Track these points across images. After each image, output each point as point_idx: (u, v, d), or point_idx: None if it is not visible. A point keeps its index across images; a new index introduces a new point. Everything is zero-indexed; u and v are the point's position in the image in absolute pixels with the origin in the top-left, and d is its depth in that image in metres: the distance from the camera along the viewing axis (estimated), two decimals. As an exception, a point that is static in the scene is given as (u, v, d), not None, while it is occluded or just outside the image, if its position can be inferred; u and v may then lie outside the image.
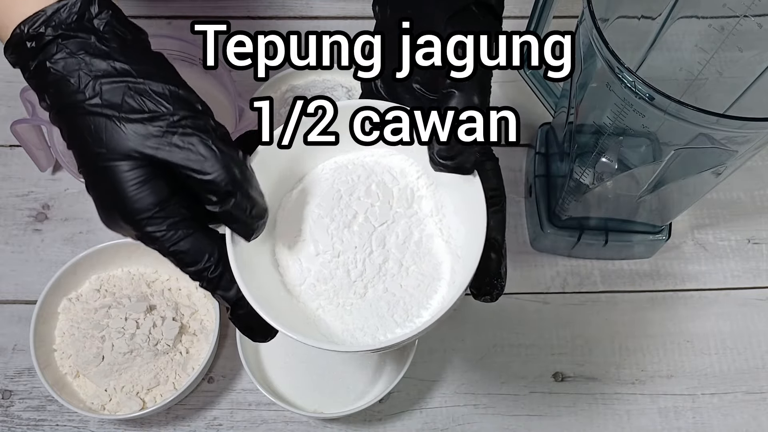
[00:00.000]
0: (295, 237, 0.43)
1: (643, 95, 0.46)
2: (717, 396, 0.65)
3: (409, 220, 0.43)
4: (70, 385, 0.61)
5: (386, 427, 0.63)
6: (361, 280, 0.42)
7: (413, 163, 0.44)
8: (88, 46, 0.38)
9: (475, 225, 0.40)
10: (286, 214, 0.44)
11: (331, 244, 0.42)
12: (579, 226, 0.67)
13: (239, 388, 0.64)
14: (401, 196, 0.43)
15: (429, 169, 0.42)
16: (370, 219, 0.43)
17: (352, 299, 0.42)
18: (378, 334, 0.41)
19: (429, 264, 0.43)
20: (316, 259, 0.42)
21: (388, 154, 0.44)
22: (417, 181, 0.44)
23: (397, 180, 0.44)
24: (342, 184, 0.43)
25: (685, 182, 0.56)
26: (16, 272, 0.68)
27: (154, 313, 0.62)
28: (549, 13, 0.59)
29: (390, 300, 0.42)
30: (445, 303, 0.40)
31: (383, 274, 0.42)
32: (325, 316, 0.42)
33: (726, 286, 0.70)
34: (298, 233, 0.43)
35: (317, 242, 0.42)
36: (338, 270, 0.42)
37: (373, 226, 0.42)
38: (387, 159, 0.44)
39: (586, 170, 0.60)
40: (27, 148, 0.67)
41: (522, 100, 0.76)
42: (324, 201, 0.43)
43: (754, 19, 0.53)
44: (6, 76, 0.77)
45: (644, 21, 0.58)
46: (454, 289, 0.40)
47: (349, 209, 0.43)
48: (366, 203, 0.43)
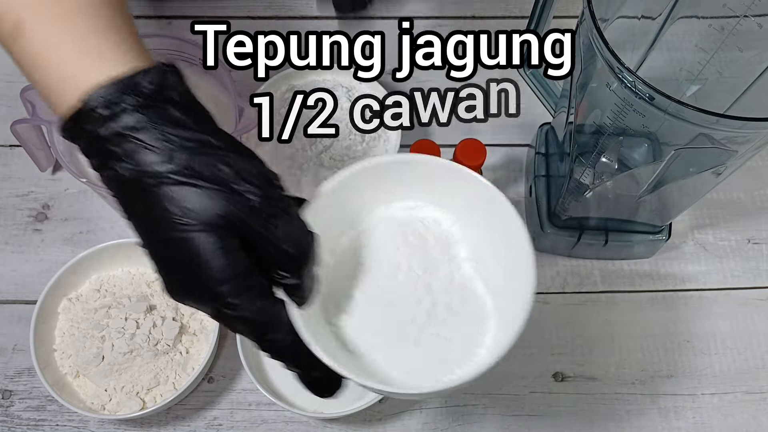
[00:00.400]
0: (344, 293, 0.44)
1: (643, 95, 0.46)
2: (717, 396, 0.65)
3: (449, 265, 0.45)
4: (70, 385, 0.61)
5: (386, 427, 0.63)
6: (413, 326, 0.43)
7: (445, 212, 0.46)
8: (169, 116, 0.37)
9: (517, 256, 0.42)
10: (330, 272, 0.45)
11: (380, 297, 0.44)
12: (579, 226, 0.67)
13: (239, 388, 0.64)
14: (438, 243, 0.45)
15: (461, 215, 0.44)
16: (413, 268, 0.44)
17: (407, 347, 0.43)
18: (440, 375, 0.42)
19: (475, 305, 0.44)
20: (368, 312, 0.43)
21: (419, 207, 0.46)
22: (450, 228, 0.46)
23: (431, 229, 0.46)
24: (382, 238, 0.46)
25: (685, 182, 0.56)
26: (16, 272, 0.68)
27: (154, 313, 0.62)
28: (549, 13, 0.59)
29: (444, 343, 0.43)
30: (502, 341, 0.40)
31: (434, 318, 0.43)
32: (383, 365, 0.43)
33: (726, 286, 0.70)
34: (347, 289, 0.44)
35: (366, 296, 0.44)
36: (390, 321, 0.43)
37: (417, 274, 0.44)
38: (419, 211, 0.46)
39: (586, 170, 0.60)
40: (27, 148, 0.67)
41: (522, 100, 0.76)
42: (366, 256, 0.45)
43: (754, 19, 0.53)
44: (6, 76, 0.77)
45: (644, 21, 0.58)
46: (507, 326, 0.41)
47: (392, 261, 0.45)
48: (406, 253, 0.45)
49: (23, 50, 0.38)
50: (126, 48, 0.38)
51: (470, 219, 0.45)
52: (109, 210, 0.70)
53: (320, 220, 0.42)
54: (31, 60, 0.38)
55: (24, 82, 0.40)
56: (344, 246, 0.46)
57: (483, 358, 0.42)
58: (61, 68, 0.37)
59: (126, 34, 0.39)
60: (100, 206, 0.71)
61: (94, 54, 0.37)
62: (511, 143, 0.75)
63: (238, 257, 0.37)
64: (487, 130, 0.76)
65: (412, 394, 0.43)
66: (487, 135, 0.75)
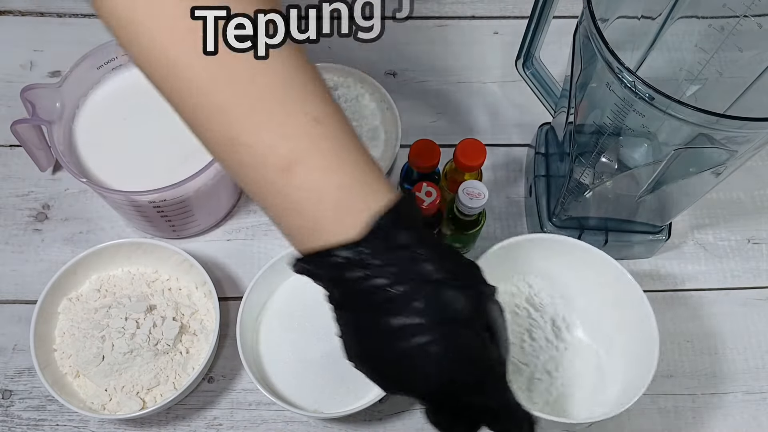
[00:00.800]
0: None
1: (643, 95, 0.46)
2: (717, 396, 0.65)
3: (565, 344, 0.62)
4: (70, 385, 0.61)
5: (386, 427, 0.63)
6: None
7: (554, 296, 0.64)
8: (403, 259, 0.38)
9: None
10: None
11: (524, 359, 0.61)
12: (579, 226, 0.67)
13: (239, 387, 0.64)
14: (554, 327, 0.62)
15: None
16: (537, 340, 0.61)
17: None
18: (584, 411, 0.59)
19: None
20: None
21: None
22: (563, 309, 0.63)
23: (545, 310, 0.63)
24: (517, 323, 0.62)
25: (685, 182, 0.56)
26: (16, 272, 0.68)
27: (155, 312, 0.62)
28: (549, 13, 0.59)
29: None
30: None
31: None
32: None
33: (726, 286, 0.70)
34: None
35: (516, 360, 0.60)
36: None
37: (540, 346, 0.61)
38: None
39: (586, 170, 0.60)
40: (27, 148, 0.67)
41: (522, 100, 0.76)
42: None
43: (754, 19, 0.53)
44: (6, 76, 0.78)
45: (644, 21, 0.58)
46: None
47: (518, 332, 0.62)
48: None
49: (299, 185, 0.38)
50: (382, 177, 0.40)
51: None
52: (109, 210, 0.70)
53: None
54: (305, 194, 0.38)
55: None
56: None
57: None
58: (339, 197, 0.38)
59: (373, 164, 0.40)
60: (100, 206, 0.71)
61: (368, 185, 0.39)
62: (511, 143, 0.75)
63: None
64: (487, 130, 0.76)
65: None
66: (487, 135, 0.76)
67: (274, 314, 0.64)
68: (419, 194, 0.59)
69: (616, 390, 0.59)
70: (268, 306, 0.64)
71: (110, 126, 0.65)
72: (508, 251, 0.61)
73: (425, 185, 0.59)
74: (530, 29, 0.61)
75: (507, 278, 0.64)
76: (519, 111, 0.77)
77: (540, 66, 0.65)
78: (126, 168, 0.63)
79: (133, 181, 0.61)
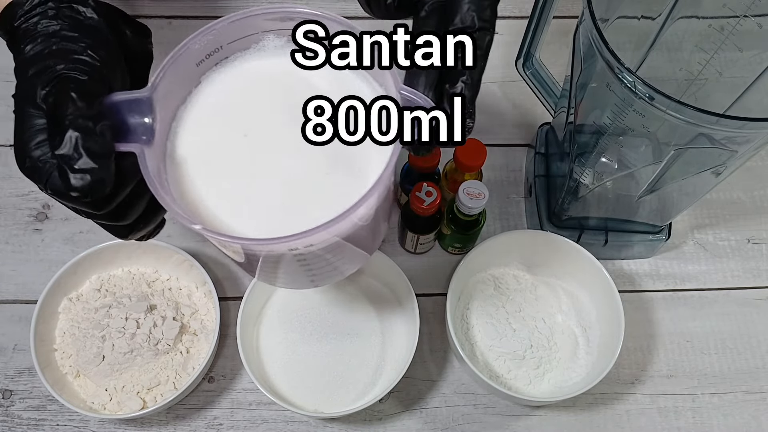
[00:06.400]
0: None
1: (643, 95, 0.46)
2: (717, 396, 0.65)
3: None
4: (70, 385, 0.61)
5: (386, 427, 0.63)
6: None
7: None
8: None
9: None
10: None
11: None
12: (579, 226, 0.67)
13: (239, 387, 0.64)
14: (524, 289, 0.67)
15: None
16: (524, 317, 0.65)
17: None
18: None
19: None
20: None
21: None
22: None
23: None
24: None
25: (685, 182, 0.56)
26: (16, 272, 0.68)
27: (155, 312, 0.62)
28: (549, 13, 0.59)
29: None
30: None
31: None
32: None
33: (726, 286, 0.70)
34: None
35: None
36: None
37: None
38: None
39: (586, 170, 0.60)
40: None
41: (522, 100, 0.76)
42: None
43: (754, 19, 0.53)
44: (6, 76, 0.77)
45: (644, 21, 0.58)
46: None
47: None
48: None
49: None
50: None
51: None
52: (109, 210, 0.70)
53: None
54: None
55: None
56: None
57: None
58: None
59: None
60: (101, 206, 0.71)
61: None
62: (511, 143, 0.75)
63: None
64: (487, 130, 0.76)
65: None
66: (487, 135, 0.76)
67: (274, 314, 0.64)
68: (419, 194, 0.59)
69: (583, 375, 0.63)
70: (268, 306, 0.65)
71: (224, 144, 0.41)
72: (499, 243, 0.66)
73: (425, 185, 0.59)
74: (530, 29, 0.61)
75: (494, 265, 0.68)
76: (519, 111, 0.77)
77: (540, 66, 0.65)
78: (245, 201, 0.40)
79: (259, 223, 0.39)
